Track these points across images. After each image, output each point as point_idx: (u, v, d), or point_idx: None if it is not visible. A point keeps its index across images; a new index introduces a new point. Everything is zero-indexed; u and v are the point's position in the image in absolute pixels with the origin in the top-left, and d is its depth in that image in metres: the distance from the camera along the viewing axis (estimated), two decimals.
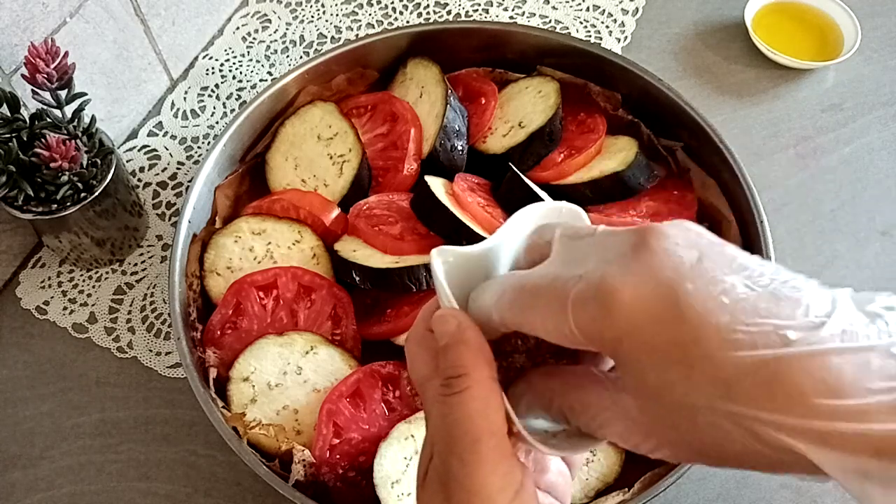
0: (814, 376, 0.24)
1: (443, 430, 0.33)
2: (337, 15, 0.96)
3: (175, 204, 0.81)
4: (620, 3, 0.96)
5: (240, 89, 0.89)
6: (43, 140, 0.61)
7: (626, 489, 0.57)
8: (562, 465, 0.38)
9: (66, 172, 0.63)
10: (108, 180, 0.68)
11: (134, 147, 0.84)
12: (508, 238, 0.38)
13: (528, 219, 0.38)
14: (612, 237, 0.30)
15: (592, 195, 0.72)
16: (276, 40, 0.93)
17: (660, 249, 0.28)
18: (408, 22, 0.95)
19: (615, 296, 0.27)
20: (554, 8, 0.96)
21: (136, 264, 0.77)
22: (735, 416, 0.26)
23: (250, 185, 0.77)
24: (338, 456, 0.59)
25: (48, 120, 0.65)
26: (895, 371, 0.24)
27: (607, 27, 0.94)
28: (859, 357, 0.24)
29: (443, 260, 0.37)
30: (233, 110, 0.88)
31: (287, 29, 0.94)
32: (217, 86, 0.89)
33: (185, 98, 0.88)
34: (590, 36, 0.93)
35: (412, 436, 0.59)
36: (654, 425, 0.28)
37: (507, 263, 0.38)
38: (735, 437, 0.26)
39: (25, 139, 0.64)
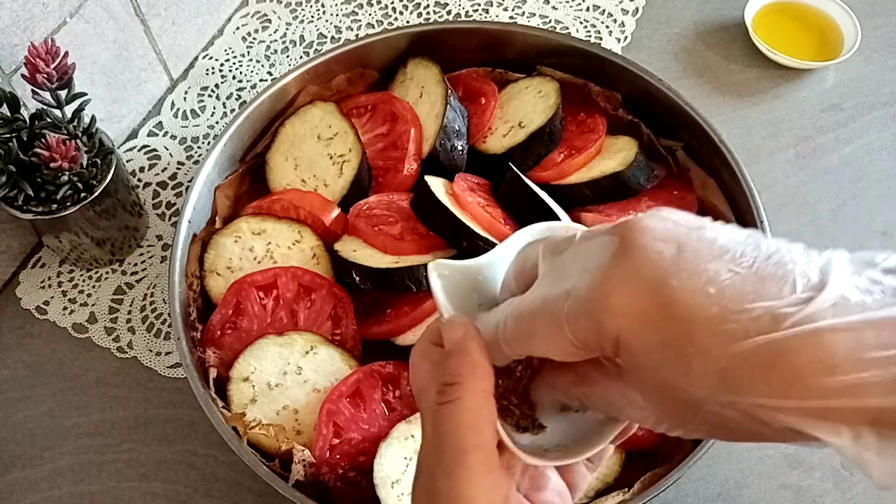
0: (807, 355, 0.24)
1: (433, 441, 0.33)
2: (337, 15, 0.96)
3: (175, 204, 0.81)
4: (620, 3, 0.96)
5: (240, 89, 0.89)
6: (43, 140, 0.61)
7: (626, 489, 0.57)
8: (561, 486, 0.37)
9: (66, 172, 0.63)
10: (108, 180, 0.68)
11: (134, 147, 0.84)
12: (506, 252, 0.38)
13: (528, 235, 0.38)
14: (590, 242, 0.30)
15: (592, 195, 0.72)
16: (276, 40, 0.93)
17: (638, 248, 0.27)
18: (408, 22, 0.95)
19: (603, 305, 0.27)
20: (554, 8, 0.96)
21: (136, 264, 0.77)
22: (735, 404, 0.26)
23: (250, 185, 0.77)
24: (338, 456, 0.59)
25: (48, 120, 0.65)
26: (890, 341, 0.24)
27: (607, 27, 0.94)
28: (853, 331, 0.24)
29: (438, 273, 0.37)
30: (233, 110, 0.88)
31: (287, 29, 0.94)
32: (217, 86, 0.89)
33: (185, 98, 0.88)
34: (590, 36, 0.93)
35: (412, 436, 0.59)
36: (662, 414, 0.29)
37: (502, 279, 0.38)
38: (738, 421, 0.26)
39: (25, 139, 0.64)
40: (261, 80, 0.90)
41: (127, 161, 0.83)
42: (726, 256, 0.27)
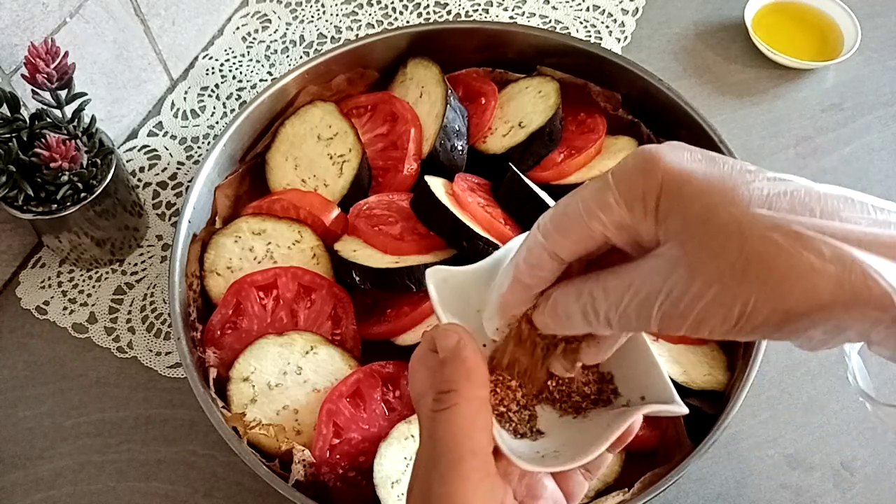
0: (843, 199, 0.27)
1: (429, 446, 0.33)
2: (337, 15, 0.96)
3: (175, 204, 0.81)
4: (620, 3, 0.96)
5: (240, 89, 0.89)
6: (43, 140, 0.61)
7: (626, 489, 0.57)
8: (558, 495, 0.37)
9: (66, 172, 0.63)
10: (108, 180, 0.68)
11: (134, 147, 0.84)
12: (503, 258, 0.38)
13: None
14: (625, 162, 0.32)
15: None
16: (276, 40, 0.93)
17: (672, 145, 0.31)
18: (408, 22, 0.95)
19: (650, 152, 0.30)
20: (554, 8, 0.96)
21: (136, 264, 0.77)
22: (779, 226, 0.26)
23: (250, 185, 0.77)
24: (338, 456, 0.59)
25: (48, 120, 0.65)
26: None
27: (607, 27, 0.94)
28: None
29: (436, 280, 0.37)
30: (233, 110, 0.88)
31: (287, 29, 0.94)
32: (217, 86, 0.89)
33: (185, 98, 0.88)
34: (590, 36, 0.93)
35: (412, 436, 0.59)
36: (699, 263, 0.27)
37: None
38: (785, 247, 0.26)
39: (25, 139, 0.64)
40: (261, 80, 0.90)
41: (127, 161, 0.83)
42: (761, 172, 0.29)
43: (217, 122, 0.87)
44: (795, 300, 0.26)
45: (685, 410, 0.34)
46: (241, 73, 0.90)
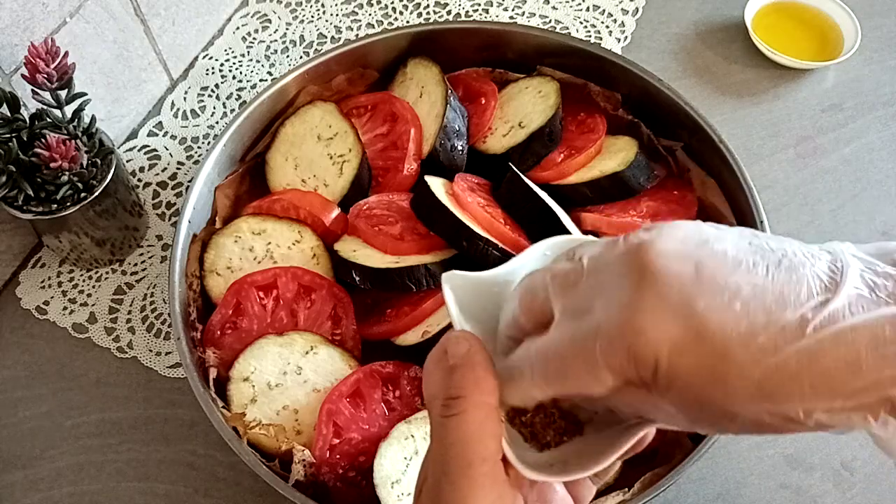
0: (834, 358, 0.25)
1: (439, 451, 0.33)
2: (337, 15, 0.96)
3: (175, 204, 0.81)
4: (620, 3, 0.96)
5: (240, 89, 0.89)
6: (43, 140, 0.61)
7: (626, 489, 0.57)
8: (567, 499, 0.37)
9: (66, 172, 0.63)
10: (108, 180, 0.68)
11: (134, 147, 0.84)
12: (521, 266, 0.38)
13: (547, 249, 0.38)
14: (602, 275, 0.30)
15: (592, 195, 0.73)
16: (276, 40, 0.93)
17: (658, 273, 0.28)
18: (408, 22, 0.95)
19: (637, 340, 0.27)
20: (554, 8, 0.96)
21: (136, 264, 0.77)
22: (771, 411, 0.27)
23: (250, 185, 0.77)
24: (338, 456, 0.59)
25: (48, 120, 0.65)
26: None
27: (607, 27, 0.94)
28: (870, 328, 0.25)
29: (452, 285, 0.37)
30: (233, 110, 0.88)
31: (287, 29, 0.94)
32: (217, 86, 0.89)
33: (185, 98, 0.88)
34: (590, 36, 0.93)
35: (412, 436, 0.59)
36: (696, 423, 0.29)
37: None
38: (774, 423, 0.27)
39: (25, 139, 0.64)
40: (261, 80, 0.90)
41: (127, 161, 0.83)
42: (741, 269, 0.27)
43: (217, 122, 0.87)
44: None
45: None
46: (241, 73, 0.90)
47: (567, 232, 0.67)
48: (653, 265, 0.28)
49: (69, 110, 0.65)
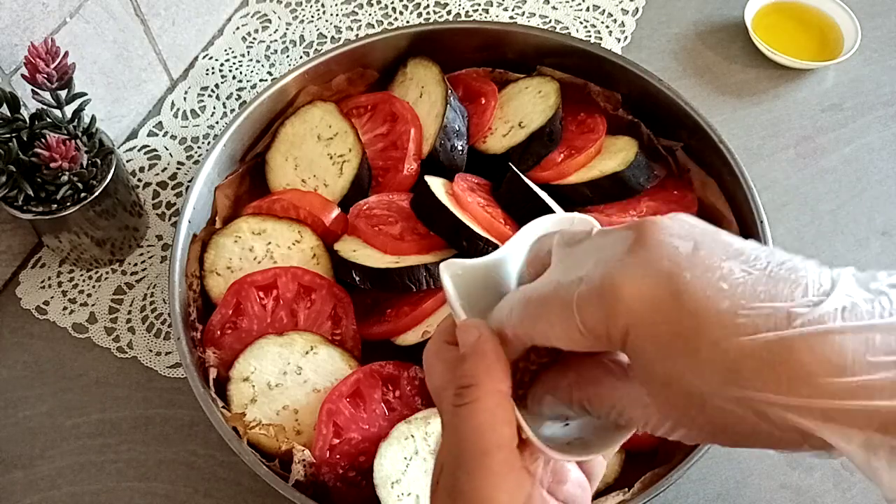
0: (817, 355, 0.25)
1: (453, 442, 0.33)
2: (337, 15, 0.96)
3: (175, 204, 0.81)
4: (620, 3, 0.96)
5: (240, 89, 0.89)
6: (43, 140, 0.61)
7: (626, 489, 0.57)
8: (581, 477, 0.37)
9: (66, 172, 0.63)
10: (108, 180, 0.68)
11: (134, 147, 0.84)
12: (517, 249, 0.38)
13: (538, 230, 0.38)
14: (607, 236, 0.31)
15: (592, 195, 0.73)
16: (276, 40, 0.93)
17: (655, 242, 0.28)
18: (408, 22, 0.95)
19: (616, 292, 0.27)
20: (554, 8, 0.96)
21: (136, 264, 0.77)
22: (743, 399, 0.26)
23: (250, 185, 0.77)
24: (338, 456, 0.59)
25: (48, 120, 0.65)
26: None
27: (607, 27, 0.94)
28: (862, 334, 0.25)
29: (451, 273, 0.37)
30: (233, 110, 0.88)
31: (287, 29, 0.94)
32: (217, 86, 0.89)
33: (185, 98, 0.88)
34: (590, 36, 0.93)
35: (412, 436, 0.59)
36: (666, 411, 0.29)
37: (517, 273, 0.38)
38: (745, 419, 0.26)
39: (25, 139, 0.64)
40: (261, 80, 0.90)
41: (127, 161, 0.83)
42: (741, 258, 0.27)
43: (217, 122, 0.87)
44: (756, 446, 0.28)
45: None
46: (241, 73, 0.90)
47: None
48: (652, 235, 0.28)
49: (69, 110, 0.65)
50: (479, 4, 0.96)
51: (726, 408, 0.26)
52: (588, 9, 0.96)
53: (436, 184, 0.69)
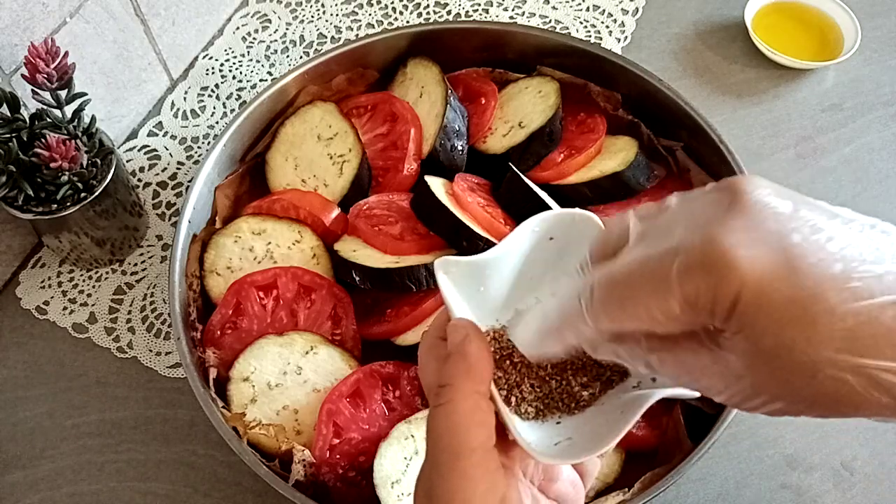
0: None
1: (430, 442, 0.33)
2: (337, 15, 0.96)
3: (175, 204, 0.81)
4: (620, 3, 0.96)
5: (240, 89, 0.89)
6: (43, 140, 0.61)
7: (626, 489, 0.57)
8: (573, 475, 0.37)
9: (66, 172, 0.63)
10: (108, 180, 0.68)
11: (134, 147, 0.84)
12: (513, 246, 0.38)
13: (535, 227, 0.38)
14: (695, 201, 0.28)
15: (592, 195, 0.72)
16: (276, 40, 0.93)
17: (755, 202, 0.26)
18: (408, 22, 0.95)
19: (727, 259, 0.25)
20: (554, 8, 0.96)
21: (136, 264, 0.77)
22: (859, 367, 0.24)
23: (250, 185, 0.77)
24: (338, 456, 0.59)
25: (48, 120, 0.65)
26: None
27: (607, 27, 0.94)
28: None
29: (445, 270, 0.37)
30: (233, 110, 0.88)
31: (287, 29, 0.94)
32: (217, 86, 0.89)
33: (185, 98, 0.88)
34: (590, 36, 0.93)
35: (412, 436, 0.59)
36: (766, 383, 0.26)
37: (515, 270, 0.38)
38: (856, 387, 0.25)
39: (25, 139, 0.64)
40: (261, 80, 0.90)
41: (127, 161, 0.83)
42: (836, 220, 0.26)
43: (217, 122, 0.87)
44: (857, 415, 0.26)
45: (696, 394, 0.34)
46: (241, 73, 0.90)
47: None
48: (749, 193, 0.26)
49: (69, 110, 0.65)
50: (479, 4, 0.96)
51: (839, 376, 0.25)
52: (588, 9, 0.96)
53: (436, 184, 0.69)
